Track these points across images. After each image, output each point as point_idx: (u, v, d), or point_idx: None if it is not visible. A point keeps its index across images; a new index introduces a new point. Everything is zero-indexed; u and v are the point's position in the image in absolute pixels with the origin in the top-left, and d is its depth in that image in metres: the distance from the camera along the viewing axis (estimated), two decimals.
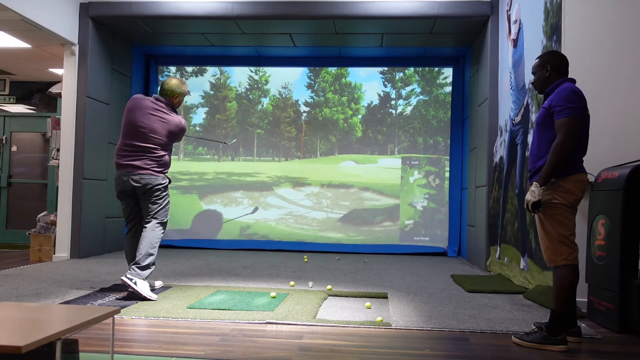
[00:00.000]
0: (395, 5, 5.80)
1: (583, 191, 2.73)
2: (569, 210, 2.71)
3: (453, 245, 7.14)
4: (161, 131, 3.85)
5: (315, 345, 2.66)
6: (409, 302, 3.74)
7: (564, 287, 2.71)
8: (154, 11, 5.97)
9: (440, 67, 7.42)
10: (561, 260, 2.71)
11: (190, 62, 7.69)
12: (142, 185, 3.79)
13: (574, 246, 2.72)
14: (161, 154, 3.87)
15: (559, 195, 2.70)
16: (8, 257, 6.08)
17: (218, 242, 7.38)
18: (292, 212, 7.50)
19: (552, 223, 2.72)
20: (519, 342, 2.75)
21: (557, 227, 2.71)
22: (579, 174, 2.72)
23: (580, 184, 2.71)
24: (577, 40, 3.68)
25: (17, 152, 8.01)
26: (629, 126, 3.56)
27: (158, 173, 3.86)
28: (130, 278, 3.62)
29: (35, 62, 7.08)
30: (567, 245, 2.70)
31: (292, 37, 6.67)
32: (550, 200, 2.71)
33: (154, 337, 2.75)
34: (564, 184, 2.69)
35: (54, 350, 1.68)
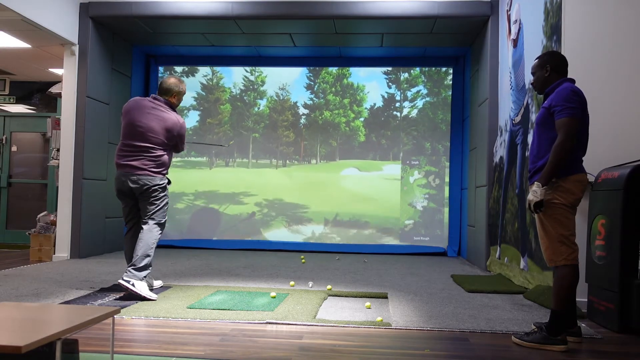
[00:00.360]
0: (395, 5, 5.80)
1: (583, 191, 2.74)
2: (569, 210, 2.71)
3: (453, 245, 7.14)
4: (159, 130, 3.82)
5: (315, 345, 2.66)
6: (409, 302, 3.74)
7: (564, 287, 2.71)
8: (154, 11, 5.97)
9: (441, 67, 7.42)
10: (561, 260, 2.71)
11: (190, 62, 7.69)
12: (139, 185, 3.78)
13: (574, 246, 2.72)
14: (159, 153, 3.84)
15: (559, 195, 2.70)
16: (8, 257, 6.08)
17: (218, 242, 7.37)
18: (292, 215, 7.50)
19: (552, 223, 2.72)
20: (519, 342, 2.75)
21: (557, 227, 2.71)
22: (579, 174, 2.72)
23: (580, 184, 2.71)
24: (577, 40, 3.68)
25: (17, 152, 8.01)
26: (629, 126, 3.56)
27: (155, 173, 3.83)
28: (127, 280, 3.61)
29: (35, 62, 7.08)
30: (567, 245, 2.70)
31: (292, 37, 6.67)
32: (551, 200, 2.71)
33: (154, 337, 2.75)
34: (564, 184, 2.69)
35: (54, 350, 1.68)
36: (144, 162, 3.80)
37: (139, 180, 3.78)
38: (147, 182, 3.79)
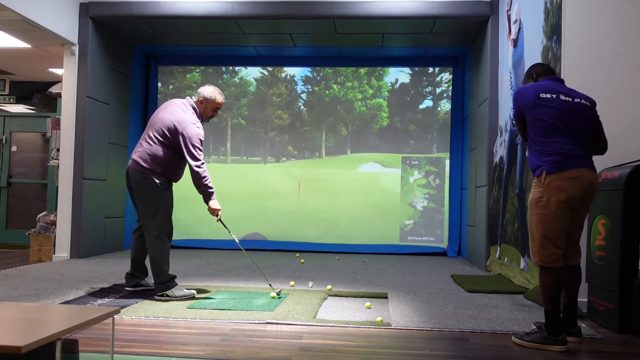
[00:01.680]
0: (395, 5, 5.80)
1: (580, 188, 2.63)
2: (558, 209, 2.63)
3: (453, 245, 7.14)
4: (164, 121, 3.59)
5: (315, 345, 2.66)
6: (409, 302, 3.74)
7: (545, 288, 2.68)
8: (154, 11, 5.97)
9: (441, 67, 7.41)
10: (538, 261, 2.69)
11: (190, 62, 7.67)
12: (130, 180, 3.66)
13: (556, 249, 2.65)
14: (157, 147, 3.58)
15: (547, 192, 2.64)
16: (8, 257, 6.08)
17: (218, 242, 7.36)
18: (292, 214, 7.47)
19: (536, 222, 2.69)
20: (519, 342, 2.75)
21: (540, 226, 2.67)
22: (574, 170, 2.63)
23: (574, 181, 2.62)
24: (577, 40, 3.68)
25: (17, 152, 8.01)
26: (629, 126, 3.56)
27: (146, 170, 3.57)
28: (160, 295, 3.62)
29: (35, 62, 7.07)
30: (547, 248, 2.65)
31: (292, 37, 6.67)
32: (539, 197, 2.67)
33: (154, 337, 2.75)
34: (552, 181, 2.63)
35: (54, 350, 1.68)
36: (141, 154, 3.61)
37: (131, 174, 3.63)
38: (135, 176, 3.60)
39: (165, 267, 3.65)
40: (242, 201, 6.93)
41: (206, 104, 3.74)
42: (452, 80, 7.35)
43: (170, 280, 3.67)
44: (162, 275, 3.64)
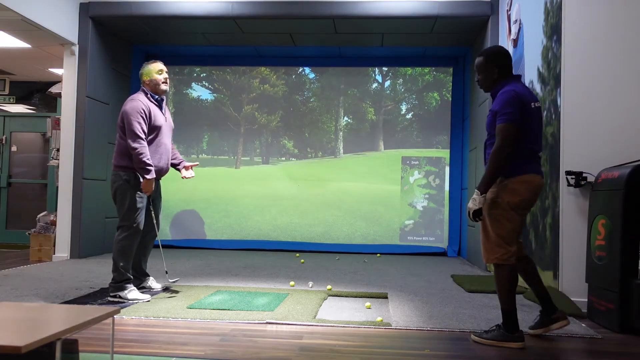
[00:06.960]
0: (395, 5, 5.80)
1: (533, 192, 2.69)
2: (512, 211, 2.67)
3: (453, 245, 7.14)
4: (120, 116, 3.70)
5: (315, 345, 2.66)
6: (409, 302, 3.74)
7: (501, 285, 2.72)
8: (154, 11, 5.97)
9: (441, 67, 7.41)
10: (494, 259, 2.72)
11: (191, 62, 7.67)
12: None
13: (510, 247, 2.69)
14: (120, 142, 3.67)
15: (503, 194, 2.68)
16: (8, 257, 6.08)
17: (217, 242, 7.36)
18: (292, 210, 7.47)
19: (491, 221, 2.72)
20: (478, 340, 2.76)
21: (495, 226, 2.70)
22: (528, 175, 2.68)
23: (527, 185, 2.67)
24: (577, 40, 3.68)
25: (17, 152, 8.01)
26: (629, 126, 3.56)
27: (117, 168, 3.64)
28: (113, 295, 3.60)
29: (35, 62, 7.07)
30: (501, 247, 2.69)
31: (292, 37, 6.67)
32: (494, 198, 2.70)
33: (154, 337, 2.75)
34: (509, 184, 2.67)
35: (54, 350, 1.68)
36: (114, 155, 3.72)
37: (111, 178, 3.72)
38: (112, 178, 3.68)
39: (121, 265, 3.61)
40: (242, 201, 7.15)
41: (149, 77, 3.76)
42: (452, 81, 7.35)
43: (125, 282, 3.63)
44: (117, 274, 3.63)
